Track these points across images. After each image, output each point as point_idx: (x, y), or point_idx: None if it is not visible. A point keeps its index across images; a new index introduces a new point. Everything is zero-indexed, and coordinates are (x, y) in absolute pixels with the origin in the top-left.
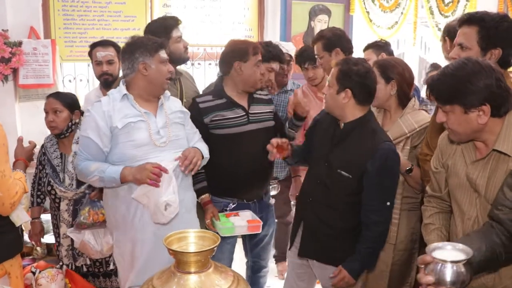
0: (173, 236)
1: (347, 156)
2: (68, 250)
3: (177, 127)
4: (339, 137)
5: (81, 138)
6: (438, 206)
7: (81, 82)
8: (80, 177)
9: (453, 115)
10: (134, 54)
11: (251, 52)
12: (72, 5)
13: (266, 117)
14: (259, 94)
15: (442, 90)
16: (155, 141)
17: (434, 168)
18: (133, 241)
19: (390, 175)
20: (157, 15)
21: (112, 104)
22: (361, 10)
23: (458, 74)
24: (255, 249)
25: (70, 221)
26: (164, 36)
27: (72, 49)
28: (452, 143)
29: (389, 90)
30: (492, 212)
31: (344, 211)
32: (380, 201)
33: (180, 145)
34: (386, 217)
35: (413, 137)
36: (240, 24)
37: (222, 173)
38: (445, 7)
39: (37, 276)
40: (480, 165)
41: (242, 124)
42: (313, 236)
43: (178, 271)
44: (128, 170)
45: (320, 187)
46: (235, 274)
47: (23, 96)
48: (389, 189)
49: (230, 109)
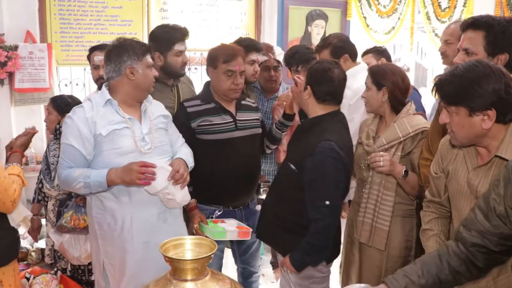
0: (169, 243)
1: (297, 151)
2: (51, 250)
3: (161, 132)
4: (298, 132)
5: (63, 146)
6: (437, 211)
7: (77, 86)
8: (63, 186)
9: (457, 117)
10: (122, 57)
11: (221, 60)
12: (69, 9)
13: (253, 125)
14: (247, 101)
15: (449, 90)
16: (140, 148)
17: (433, 173)
18: (122, 252)
19: (324, 173)
20: (153, 19)
21: (96, 110)
22: (358, 15)
23: (467, 76)
24: (244, 256)
25: (54, 222)
26: (165, 46)
27: (68, 53)
28: (453, 147)
29: (380, 97)
30: (460, 234)
31: (293, 205)
32: (315, 198)
33: (165, 151)
34: (324, 215)
35: (405, 143)
36: (237, 28)
37: (208, 180)
38: (442, 12)
39: (31, 282)
40: (482, 172)
41: (230, 131)
42: (267, 223)
43: (175, 278)
44: (114, 172)
45: (277, 177)
46: (232, 282)
47: (19, 100)
48: (325, 187)
49: (218, 114)
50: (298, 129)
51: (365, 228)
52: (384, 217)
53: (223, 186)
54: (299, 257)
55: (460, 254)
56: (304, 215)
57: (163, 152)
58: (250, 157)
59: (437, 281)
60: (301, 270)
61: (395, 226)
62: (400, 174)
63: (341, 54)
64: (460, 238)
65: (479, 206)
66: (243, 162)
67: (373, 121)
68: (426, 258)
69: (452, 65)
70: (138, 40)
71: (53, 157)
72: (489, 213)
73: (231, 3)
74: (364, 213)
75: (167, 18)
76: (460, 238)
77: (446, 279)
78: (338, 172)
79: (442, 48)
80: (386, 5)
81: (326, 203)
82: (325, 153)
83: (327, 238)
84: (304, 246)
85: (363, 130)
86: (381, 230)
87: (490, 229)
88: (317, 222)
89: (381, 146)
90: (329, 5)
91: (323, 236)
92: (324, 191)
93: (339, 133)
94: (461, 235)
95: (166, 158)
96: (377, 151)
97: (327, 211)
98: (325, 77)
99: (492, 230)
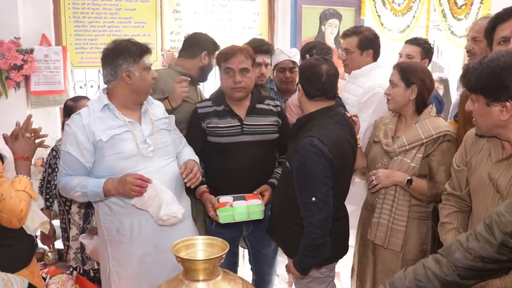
0: (181, 244)
1: (289, 149)
2: (77, 253)
3: (164, 133)
4: (293, 130)
5: (62, 153)
6: (457, 205)
7: (91, 88)
8: (63, 193)
9: (477, 105)
10: (117, 61)
11: (222, 59)
12: (83, 12)
13: (265, 130)
14: (266, 104)
15: (471, 78)
16: (143, 151)
17: (456, 166)
18: (131, 256)
19: (306, 169)
20: (167, 21)
21: (93, 116)
22: (372, 13)
23: (490, 65)
24: (259, 265)
25: (81, 224)
26: (213, 49)
27: (83, 56)
28: (479, 140)
29: (408, 95)
30: (452, 255)
31: (292, 204)
32: (303, 195)
33: (168, 152)
34: (312, 212)
35: (427, 145)
36: (251, 29)
37: (216, 179)
38: (458, 10)
39: (48, 282)
40: (504, 165)
41: (235, 135)
42: (274, 221)
43: (187, 279)
44: (111, 183)
45: (280, 176)
46: (244, 282)
47: (35, 103)
48: (311, 184)
49: (224, 117)
50: (293, 127)
51: (380, 229)
52: (401, 217)
53: (229, 189)
54: (299, 259)
55: (442, 276)
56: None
57: (167, 153)
58: (257, 163)
59: None
60: (306, 273)
61: (411, 228)
62: (402, 183)
63: (368, 47)
64: (450, 258)
65: (481, 233)
66: (247, 167)
67: (392, 120)
68: (399, 281)
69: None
70: (135, 42)
71: None
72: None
73: (244, 4)
74: (380, 214)
75: (180, 20)
76: (449, 258)
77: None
78: (321, 167)
79: (468, 45)
80: (400, 3)
81: (312, 199)
82: (305, 148)
83: (321, 235)
84: (301, 247)
85: (379, 128)
86: (397, 231)
87: (496, 256)
88: (307, 220)
89: (402, 146)
90: (343, 4)
91: (315, 234)
92: (310, 188)
93: (327, 129)
94: (453, 255)
95: (170, 159)
96: (397, 151)
97: (315, 208)
98: (312, 74)
99: (499, 258)
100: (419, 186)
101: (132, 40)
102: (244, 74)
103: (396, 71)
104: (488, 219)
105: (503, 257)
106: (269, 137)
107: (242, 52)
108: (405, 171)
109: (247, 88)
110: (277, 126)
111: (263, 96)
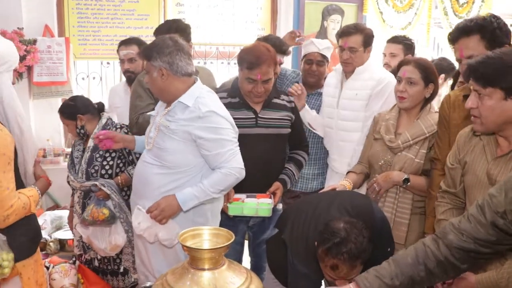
0: (188, 233)
1: None
2: (80, 241)
3: (161, 136)
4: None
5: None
6: (452, 202)
7: (94, 80)
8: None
9: (489, 100)
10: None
11: (245, 65)
12: (86, 3)
13: (279, 124)
14: (282, 99)
15: (486, 71)
16: (145, 141)
17: (450, 164)
18: (141, 244)
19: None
20: (170, 13)
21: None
22: (374, 10)
23: (506, 58)
24: (258, 249)
25: (80, 213)
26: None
27: (86, 47)
28: (471, 139)
29: (425, 93)
30: (446, 236)
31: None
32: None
33: (159, 156)
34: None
35: (430, 140)
36: (253, 23)
37: None
38: (460, 7)
39: (51, 271)
40: (502, 162)
41: (249, 126)
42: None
43: (192, 267)
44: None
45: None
46: (248, 272)
47: (37, 94)
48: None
49: (240, 109)
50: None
51: None
52: (404, 210)
53: (241, 180)
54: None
55: (440, 256)
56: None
57: (157, 156)
58: (270, 155)
59: (410, 282)
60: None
61: (413, 223)
62: (399, 183)
63: (370, 44)
64: (445, 240)
65: (473, 214)
66: (260, 159)
67: (392, 116)
68: (402, 258)
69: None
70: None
71: (77, 151)
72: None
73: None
74: (383, 208)
75: (183, 13)
76: (444, 240)
77: (420, 280)
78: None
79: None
80: (402, 0)
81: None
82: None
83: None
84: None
85: (379, 125)
86: (400, 224)
87: (486, 236)
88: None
89: (406, 142)
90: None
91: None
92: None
93: None
94: (447, 237)
95: (159, 164)
96: (401, 147)
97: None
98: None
99: (489, 238)
100: (417, 183)
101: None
102: (266, 82)
103: (415, 68)
104: (481, 201)
105: (493, 238)
106: (282, 131)
107: (267, 62)
108: (409, 166)
109: (267, 93)
110: (289, 121)
111: (279, 91)
